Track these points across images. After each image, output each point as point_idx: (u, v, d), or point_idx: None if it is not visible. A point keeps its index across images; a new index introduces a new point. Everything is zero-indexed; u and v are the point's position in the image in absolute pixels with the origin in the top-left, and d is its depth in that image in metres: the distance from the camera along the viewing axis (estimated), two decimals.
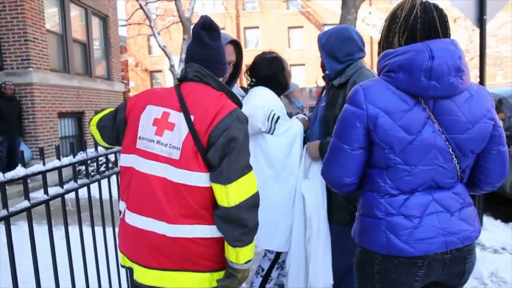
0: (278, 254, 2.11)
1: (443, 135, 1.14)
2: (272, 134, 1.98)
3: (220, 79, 1.40)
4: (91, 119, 1.52)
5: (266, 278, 2.12)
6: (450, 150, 1.16)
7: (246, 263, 1.29)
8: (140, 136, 1.31)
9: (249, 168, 1.27)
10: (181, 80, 1.36)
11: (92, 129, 1.50)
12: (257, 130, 1.96)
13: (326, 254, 1.93)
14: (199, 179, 1.24)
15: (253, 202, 1.26)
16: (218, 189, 1.23)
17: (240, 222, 1.24)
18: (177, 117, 1.27)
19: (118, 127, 1.41)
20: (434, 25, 1.17)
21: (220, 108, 1.26)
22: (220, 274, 1.33)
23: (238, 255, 1.27)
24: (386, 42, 1.23)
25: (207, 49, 1.34)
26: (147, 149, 1.29)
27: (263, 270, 2.12)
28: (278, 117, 1.96)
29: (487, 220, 3.91)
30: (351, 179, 1.21)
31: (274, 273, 2.13)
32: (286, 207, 1.98)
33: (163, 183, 1.25)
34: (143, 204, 1.28)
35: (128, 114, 1.37)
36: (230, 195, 1.22)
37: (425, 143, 1.13)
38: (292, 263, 2.00)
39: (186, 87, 1.33)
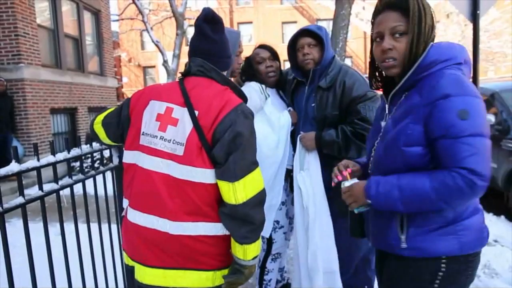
0: (269, 245, 2.15)
1: None
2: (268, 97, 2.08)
3: (225, 73, 1.38)
4: (94, 118, 1.50)
5: (262, 270, 2.17)
6: None
7: (253, 259, 1.28)
8: (143, 132, 1.29)
9: (255, 164, 1.24)
10: (185, 74, 1.33)
11: (97, 127, 1.48)
12: (259, 107, 2.03)
13: (325, 241, 1.95)
14: (204, 175, 1.21)
15: (259, 199, 1.24)
16: (225, 186, 1.21)
17: (247, 219, 1.22)
18: (180, 112, 1.25)
19: (123, 124, 1.38)
20: None
21: (225, 103, 1.23)
22: (223, 273, 1.31)
23: (245, 252, 1.25)
24: (431, 34, 1.16)
25: (210, 43, 1.31)
26: (150, 145, 1.26)
27: (260, 260, 2.17)
28: (264, 86, 2.08)
29: None
30: None
31: (271, 265, 2.16)
32: (269, 195, 2.03)
33: (166, 180, 1.23)
34: (145, 201, 1.26)
35: (131, 110, 1.35)
36: (237, 192, 1.20)
37: None
38: (295, 251, 2.06)
39: (190, 81, 1.30)
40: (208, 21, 1.30)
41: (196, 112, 1.22)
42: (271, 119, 2.05)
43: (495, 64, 21.32)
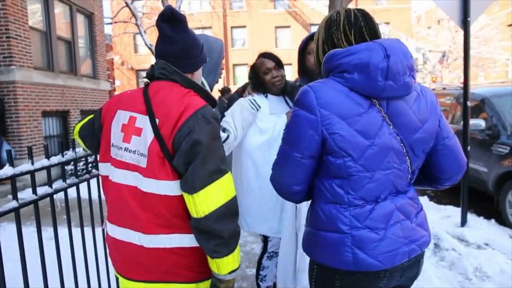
0: (265, 243, 2.24)
1: (398, 137, 1.11)
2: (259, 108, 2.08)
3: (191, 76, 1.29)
4: (74, 126, 1.47)
5: (258, 265, 2.29)
6: (404, 151, 1.13)
7: (229, 273, 1.20)
8: (112, 144, 1.24)
9: (219, 173, 1.14)
10: (149, 78, 1.27)
11: (76, 138, 1.46)
12: (252, 122, 2.08)
13: None
14: (168, 188, 1.15)
15: (226, 211, 1.15)
16: (186, 198, 1.14)
17: (213, 233, 1.13)
18: (143, 121, 1.18)
19: (98, 135, 1.33)
20: (376, 29, 1.16)
21: (184, 108, 1.15)
22: (207, 284, 1.26)
23: (218, 266, 1.19)
24: (326, 45, 1.16)
25: (170, 43, 1.23)
26: (117, 157, 1.22)
27: (257, 256, 2.31)
28: (254, 99, 2.10)
29: (471, 217, 4.00)
30: (299, 187, 1.15)
31: (266, 262, 2.26)
32: (268, 196, 2.04)
33: (135, 193, 1.18)
34: (119, 215, 1.22)
35: (103, 121, 1.31)
36: (197, 205, 1.11)
37: (383, 146, 1.09)
38: (282, 249, 2.07)
39: (154, 86, 1.23)
40: (167, 19, 1.21)
41: (157, 120, 1.15)
42: (262, 128, 2.08)
43: (485, 70, 21.66)
